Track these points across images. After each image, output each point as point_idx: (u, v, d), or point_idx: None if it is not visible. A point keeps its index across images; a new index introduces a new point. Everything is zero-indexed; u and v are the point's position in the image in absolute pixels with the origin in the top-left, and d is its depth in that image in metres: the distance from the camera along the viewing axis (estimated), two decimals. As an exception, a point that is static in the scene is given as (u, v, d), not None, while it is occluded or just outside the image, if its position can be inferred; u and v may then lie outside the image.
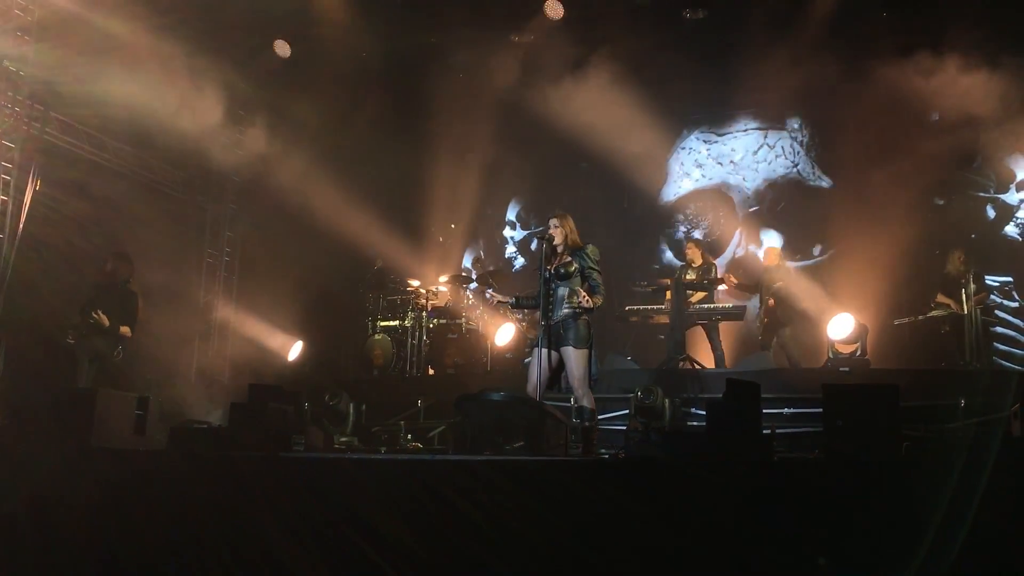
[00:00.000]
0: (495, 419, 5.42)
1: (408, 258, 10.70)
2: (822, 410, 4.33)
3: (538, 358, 5.70)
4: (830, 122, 10.80)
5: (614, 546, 4.02)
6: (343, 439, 7.31)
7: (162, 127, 9.04)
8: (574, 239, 5.89)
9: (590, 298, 5.65)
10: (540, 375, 5.65)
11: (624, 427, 7.08)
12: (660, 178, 11.62)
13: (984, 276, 8.86)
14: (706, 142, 11.61)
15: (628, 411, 7.23)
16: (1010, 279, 9.62)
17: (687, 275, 9.20)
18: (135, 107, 8.61)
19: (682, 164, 11.69)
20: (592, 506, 4.11)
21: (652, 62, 9.81)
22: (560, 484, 4.26)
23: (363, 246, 10.41)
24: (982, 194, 10.03)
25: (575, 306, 5.67)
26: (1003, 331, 9.26)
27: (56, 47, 8.04)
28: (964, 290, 8.22)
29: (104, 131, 9.05)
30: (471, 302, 10.27)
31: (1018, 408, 4.46)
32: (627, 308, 9.54)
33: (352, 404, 7.86)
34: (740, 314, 9.13)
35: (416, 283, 9.96)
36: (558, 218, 5.94)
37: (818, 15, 9.37)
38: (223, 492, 4.78)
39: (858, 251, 10.00)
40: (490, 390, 5.74)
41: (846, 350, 8.56)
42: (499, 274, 11.33)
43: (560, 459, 4.88)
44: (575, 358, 5.65)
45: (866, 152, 10.37)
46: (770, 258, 9.43)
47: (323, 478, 4.74)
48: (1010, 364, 9.02)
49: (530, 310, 6.50)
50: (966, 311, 8.16)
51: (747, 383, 4.58)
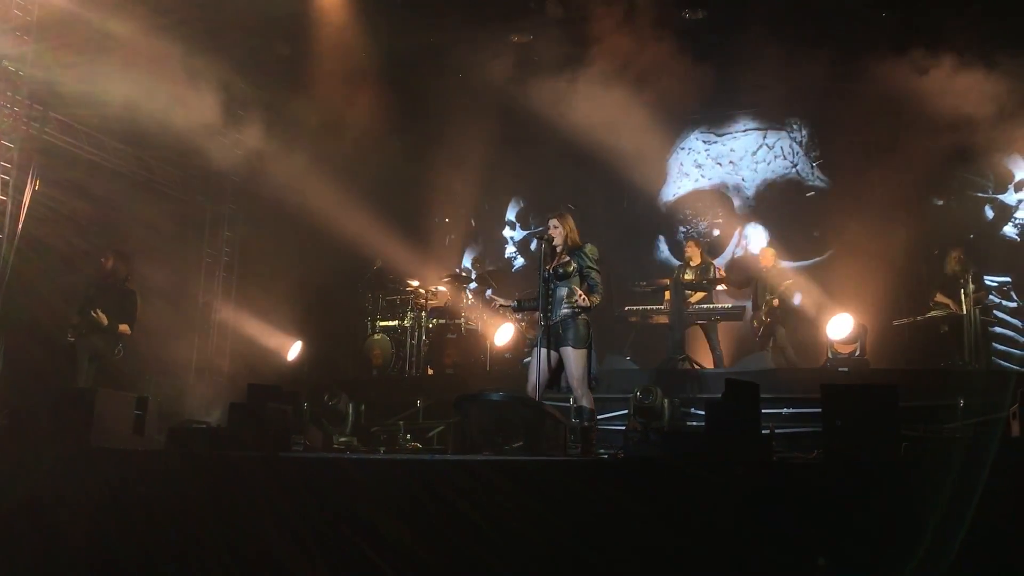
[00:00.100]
0: (494, 419, 5.42)
1: (407, 258, 10.69)
2: (821, 410, 4.32)
3: (537, 358, 5.71)
4: (829, 123, 10.81)
5: (613, 546, 4.02)
6: (342, 439, 7.31)
7: (161, 127, 9.02)
8: (573, 239, 5.89)
9: (587, 297, 5.65)
10: (540, 375, 5.66)
11: (623, 427, 7.09)
12: (659, 178, 11.62)
13: (983, 276, 8.87)
14: (705, 142, 11.62)
15: (627, 411, 7.23)
16: (1008, 279, 9.63)
17: (685, 275, 9.20)
18: (134, 107, 8.60)
19: (681, 164, 11.69)
20: (591, 506, 4.12)
21: (651, 62, 9.81)
22: (559, 484, 4.26)
23: (362, 246, 10.40)
24: (980, 194, 10.04)
25: (574, 306, 5.68)
26: (1001, 331, 9.27)
27: (55, 47, 8.04)
28: (963, 290, 8.22)
29: (103, 131, 9.05)
30: (470, 302, 10.26)
31: (1016, 408, 4.45)
32: (626, 308, 9.54)
33: (351, 404, 7.86)
34: (739, 314, 9.14)
35: (415, 283, 9.95)
36: (558, 218, 5.95)
37: (816, 15, 9.38)
38: (222, 492, 4.78)
39: (857, 251, 10.01)
40: (489, 390, 5.74)
41: (845, 350, 8.58)
42: (499, 274, 11.33)
43: (559, 459, 4.88)
44: (574, 358, 5.65)
45: (865, 152, 10.39)
46: (767, 258, 9.44)
47: (322, 478, 4.73)
48: (1008, 364, 9.03)
49: (531, 311, 6.50)
50: (965, 311, 8.17)
51: (746, 383, 4.58)
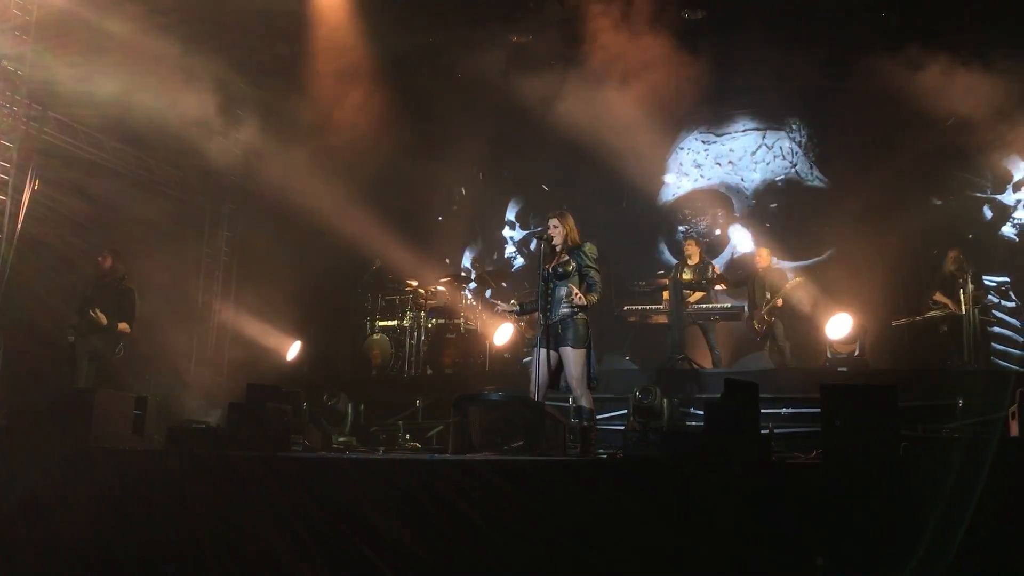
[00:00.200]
0: (493, 419, 5.42)
1: (406, 258, 10.70)
2: (820, 410, 4.32)
3: (537, 358, 5.71)
4: (828, 123, 10.82)
5: (612, 546, 4.02)
6: (341, 439, 7.30)
7: (160, 127, 9.04)
8: (573, 238, 5.89)
9: (584, 296, 5.65)
10: (539, 376, 5.66)
11: (622, 427, 7.09)
12: (659, 178, 11.62)
13: (982, 276, 8.87)
14: (705, 142, 11.61)
15: (626, 411, 7.23)
16: (1007, 279, 9.64)
17: (683, 274, 9.20)
18: (133, 107, 8.61)
19: (681, 164, 11.69)
20: (590, 506, 4.12)
21: (651, 62, 9.81)
22: (558, 484, 4.26)
23: (361, 246, 10.40)
24: (979, 194, 10.04)
25: (573, 305, 5.68)
26: (1000, 331, 9.27)
27: (54, 47, 8.05)
28: (962, 290, 8.22)
29: (102, 131, 9.05)
30: (470, 302, 10.26)
31: (1015, 408, 4.46)
32: (625, 308, 9.54)
33: (350, 404, 7.86)
34: (738, 314, 9.14)
35: (415, 283, 9.96)
36: (557, 217, 5.94)
37: (816, 16, 9.38)
38: (221, 492, 4.78)
39: (856, 251, 10.02)
40: (489, 390, 5.74)
41: (844, 350, 8.57)
42: (498, 274, 11.34)
43: (558, 459, 4.88)
44: (573, 358, 5.66)
45: (864, 152, 10.39)
46: (763, 258, 9.44)
47: (321, 478, 4.73)
48: (1007, 364, 9.03)
49: (534, 313, 6.50)
50: (964, 311, 8.17)
51: (745, 383, 4.57)
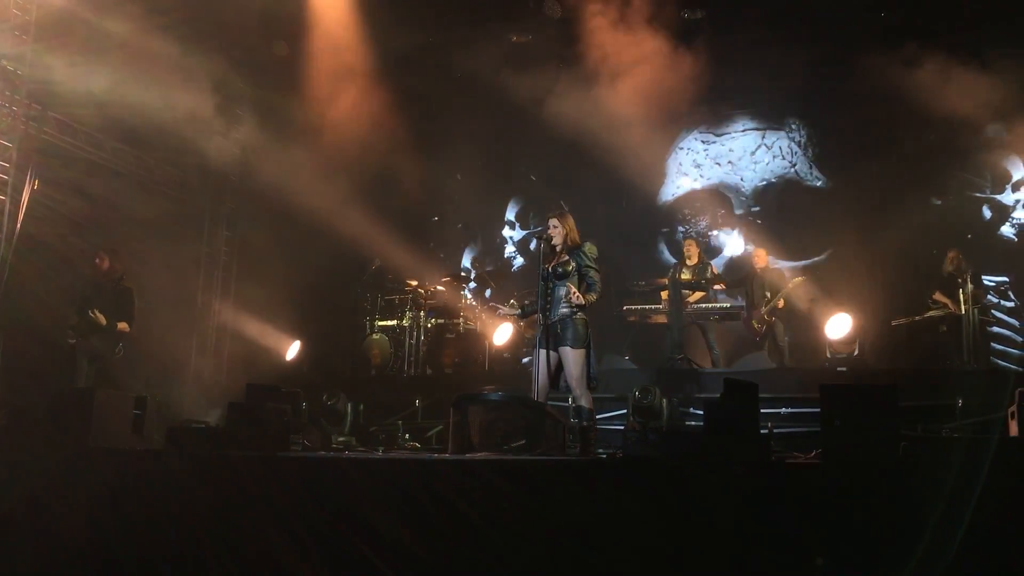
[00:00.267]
0: (493, 419, 5.42)
1: (406, 257, 10.70)
2: (820, 410, 4.32)
3: (537, 360, 5.71)
4: (827, 123, 10.82)
5: (612, 546, 4.02)
6: (341, 439, 7.30)
7: (160, 127, 9.03)
8: (573, 238, 5.88)
9: (582, 296, 5.65)
10: (539, 376, 5.66)
11: (622, 427, 7.09)
12: (658, 178, 11.62)
13: (981, 276, 8.88)
14: (704, 142, 11.61)
15: (626, 411, 7.23)
16: (1006, 279, 9.64)
17: (682, 274, 9.20)
18: (133, 107, 8.61)
19: (680, 164, 11.69)
20: (590, 506, 4.12)
21: (650, 62, 9.81)
22: (558, 484, 4.26)
23: (361, 245, 10.40)
24: (978, 194, 10.04)
25: (572, 305, 5.68)
26: (999, 331, 9.27)
27: (54, 46, 8.04)
28: (961, 290, 8.22)
29: (102, 131, 9.04)
30: (469, 302, 10.26)
31: (1015, 408, 4.46)
32: (625, 308, 9.55)
33: (350, 404, 7.86)
34: (738, 314, 9.15)
35: (414, 283, 9.96)
36: (557, 217, 5.94)
37: (815, 16, 9.38)
38: (221, 492, 4.78)
39: (855, 251, 10.02)
40: (488, 390, 5.74)
41: (844, 350, 8.58)
42: (498, 274, 11.34)
43: (558, 459, 4.88)
44: (572, 358, 5.66)
45: (863, 152, 10.40)
46: (761, 259, 9.44)
47: (321, 478, 4.73)
48: (1006, 364, 9.03)
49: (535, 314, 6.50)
50: (963, 311, 8.17)
51: (745, 383, 4.57)
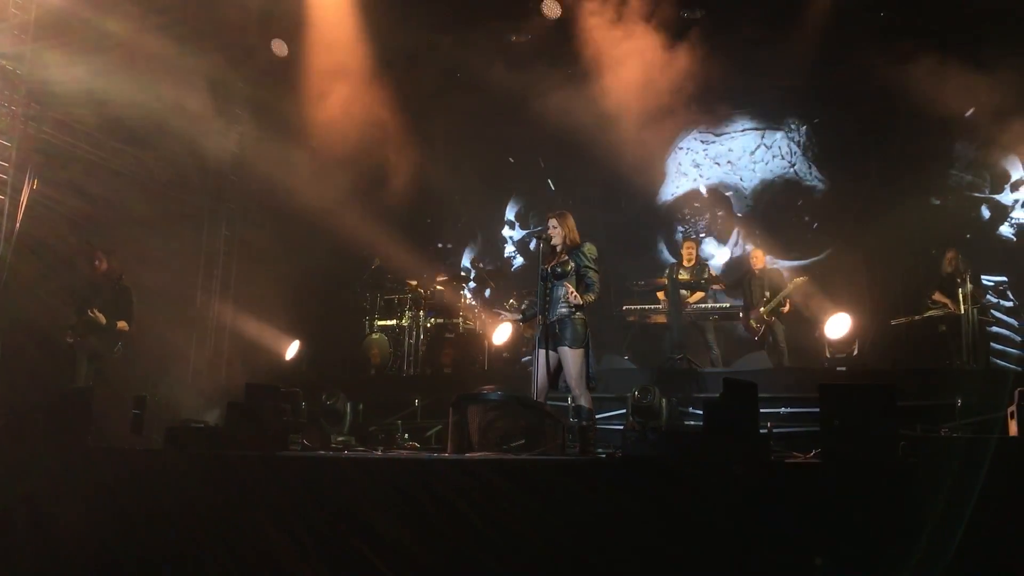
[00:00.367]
0: (492, 419, 5.41)
1: (406, 257, 10.69)
2: (819, 410, 4.32)
3: (536, 360, 5.71)
4: (827, 123, 10.82)
5: (611, 545, 4.02)
6: (340, 438, 7.30)
7: (159, 126, 9.02)
8: (572, 238, 5.89)
9: (579, 296, 5.65)
10: (538, 376, 5.66)
11: (621, 426, 7.09)
12: (658, 178, 11.62)
13: (980, 275, 8.88)
14: (703, 142, 11.61)
15: (625, 410, 7.24)
16: (1005, 279, 9.65)
17: (680, 274, 9.20)
18: (132, 106, 8.60)
19: (679, 164, 11.69)
20: (589, 505, 4.12)
21: (650, 62, 9.81)
22: (557, 484, 4.26)
23: (360, 245, 10.40)
24: (977, 194, 10.05)
25: (570, 305, 5.68)
26: (998, 331, 9.27)
27: (53, 46, 8.03)
28: (961, 289, 8.23)
29: (101, 130, 9.02)
30: (469, 301, 10.26)
31: (1014, 408, 4.46)
32: (624, 308, 9.56)
33: (349, 403, 7.87)
34: (737, 314, 9.15)
35: (414, 282, 9.96)
36: (557, 217, 5.94)
37: (815, 15, 9.38)
38: (220, 491, 4.78)
39: (855, 251, 10.04)
40: (487, 390, 5.73)
41: (843, 350, 8.57)
42: (497, 274, 11.34)
43: (557, 459, 4.88)
44: (571, 358, 5.66)
45: (862, 152, 10.40)
46: (759, 260, 9.44)
47: (320, 478, 4.74)
48: (1005, 363, 9.03)
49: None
50: (963, 311, 8.18)
51: (744, 383, 4.57)
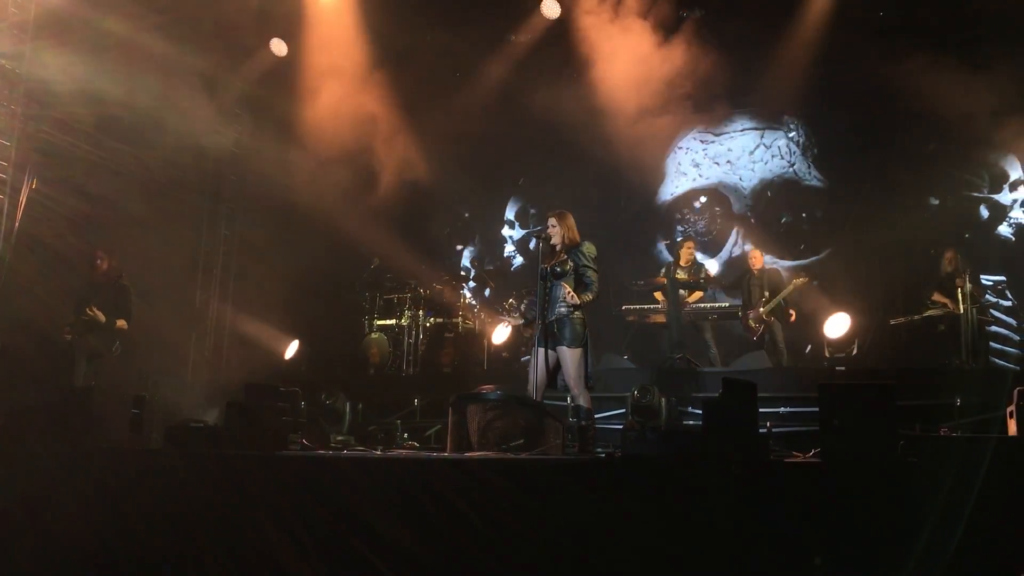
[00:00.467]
0: (491, 418, 5.42)
1: (405, 257, 10.69)
2: (818, 409, 4.32)
3: (535, 358, 5.71)
4: (826, 122, 10.82)
5: (610, 545, 4.02)
6: (339, 438, 7.30)
7: (158, 125, 9.02)
8: (571, 237, 5.88)
9: (576, 296, 5.65)
10: (537, 374, 5.66)
11: (621, 426, 7.09)
12: (657, 178, 11.62)
13: (980, 275, 8.88)
14: (703, 142, 11.61)
15: (625, 410, 7.24)
16: (1003, 278, 9.65)
17: (678, 274, 9.20)
18: (131, 105, 8.60)
19: (679, 164, 11.69)
20: (588, 505, 4.12)
21: (649, 61, 9.82)
22: (556, 483, 4.26)
23: (360, 244, 10.40)
24: (976, 194, 10.05)
25: (569, 304, 5.68)
26: (997, 330, 9.27)
27: (52, 45, 8.03)
28: (960, 289, 8.23)
29: (101, 130, 9.01)
30: (468, 301, 10.26)
31: (1013, 407, 4.46)
32: (624, 307, 9.55)
33: (348, 403, 7.87)
34: (737, 313, 9.15)
35: (413, 282, 9.96)
36: (556, 216, 5.94)
37: (814, 15, 9.39)
38: (219, 491, 4.78)
39: (854, 250, 10.03)
40: (487, 389, 5.74)
41: (843, 349, 8.58)
42: (497, 273, 11.34)
43: (556, 458, 4.89)
44: (570, 357, 5.66)
45: (861, 152, 10.40)
46: (758, 260, 9.44)
47: (319, 477, 4.74)
48: (1004, 363, 9.04)
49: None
50: (962, 310, 8.18)
51: (743, 382, 4.57)
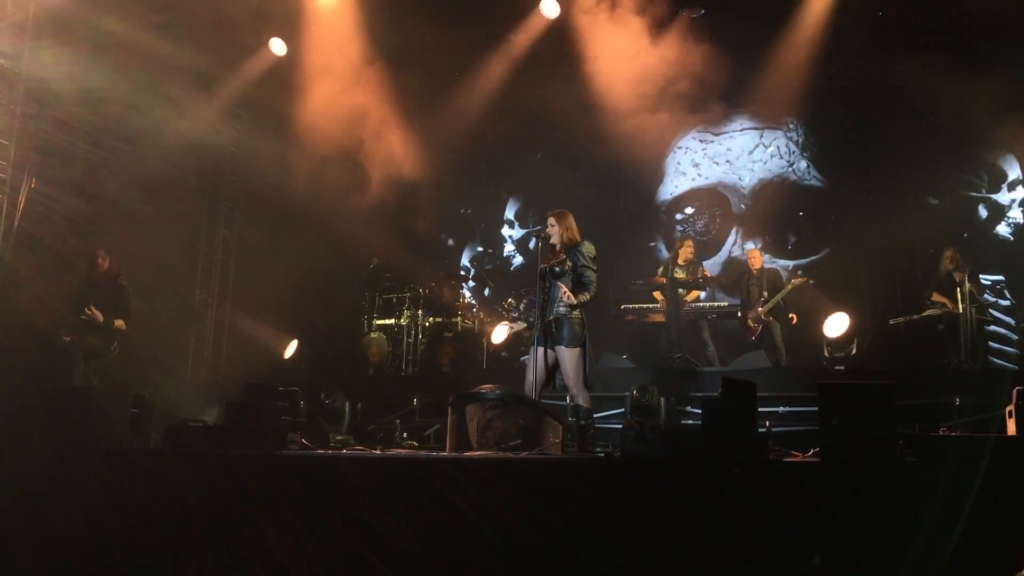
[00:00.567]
0: (491, 418, 5.42)
1: (405, 256, 10.69)
2: (817, 409, 4.32)
3: (533, 357, 5.71)
4: (825, 122, 10.82)
5: (609, 544, 4.03)
6: (339, 437, 7.31)
7: (157, 125, 9.02)
8: (570, 236, 5.88)
9: (573, 296, 5.65)
10: (535, 373, 5.67)
11: (620, 426, 7.09)
12: (656, 177, 11.62)
13: (978, 275, 8.89)
14: (702, 141, 11.61)
15: (624, 410, 7.24)
16: (1002, 278, 9.66)
17: (677, 273, 9.20)
18: (130, 105, 8.60)
19: (678, 163, 11.69)
20: (587, 504, 4.12)
21: (648, 61, 9.82)
22: (555, 483, 4.27)
23: (359, 244, 10.39)
24: (974, 194, 10.06)
25: (567, 304, 5.69)
26: (996, 329, 9.28)
27: (51, 45, 8.03)
28: (959, 289, 8.24)
29: (100, 129, 9.01)
30: (467, 301, 10.26)
31: (1012, 407, 4.46)
32: (623, 307, 9.55)
33: (348, 402, 7.88)
34: (736, 312, 9.16)
35: (412, 281, 9.96)
36: (555, 216, 5.94)
37: (814, 14, 9.39)
38: (219, 491, 4.78)
39: (853, 250, 10.04)
40: (486, 389, 5.74)
41: (842, 349, 8.58)
42: (497, 272, 11.34)
43: (555, 458, 4.89)
44: (568, 357, 5.67)
45: (860, 152, 10.40)
46: (757, 260, 9.44)
47: (319, 476, 4.74)
48: (1003, 363, 9.05)
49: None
50: (961, 310, 8.19)
51: (743, 381, 4.57)
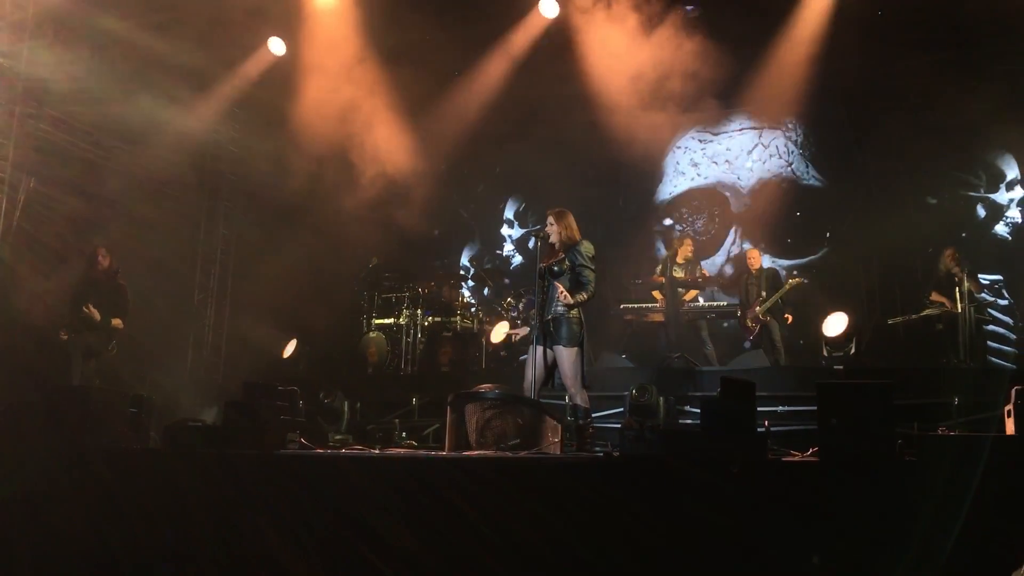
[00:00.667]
0: (490, 417, 5.42)
1: (404, 256, 10.68)
2: (816, 408, 4.32)
3: (532, 356, 5.72)
4: (824, 122, 10.82)
5: (608, 543, 4.03)
6: (338, 437, 7.31)
7: (156, 124, 9.02)
8: (569, 235, 5.88)
9: (570, 295, 5.65)
10: (534, 372, 5.67)
11: (619, 425, 7.09)
12: (656, 177, 11.63)
13: (977, 274, 8.90)
14: (701, 141, 11.61)
15: (623, 409, 7.24)
16: (1000, 277, 9.67)
17: (674, 271, 9.20)
18: (130, 104, 8.60)
19: (677, 163, 11.69)
20: (586, 504, 4.12)
21: (648, 60, 9.82)
22: (554, 482, 4.27)
23: (359, 244, 10.39)
24: (973, 194, 10.07)
25: (563, 303, 5.69)
26: (994, 329, 9.29)
27: (50, 44, 8.03)
28: (958, 288, 8.24)
29: (99, 128, 9.02)
30: (466, 300, 10.26)
31: (1011, 406, 4.46)
32: (622, 306, 9.55)
33: (347, 402, 7.87)
34: (735, 312, 9.16)
35: (411, 281, 9.97)
36: (554, 215, 5.93)
37: (813, 15, 9.40)
38: (218, 490, 4.79)
39: (852, 249, 10.04)
40: (485, 388, 5.75)
41: (841, 348, 8.58)
42: (496, 272, 11.34)
43: (554, 457, 4.89)
44: (566, 357, 5.66)
45: (859, 151, 10.41)
46: (756, 259, 9.44)
47: (318, 476, 4.74)
48: (1002, 362, 9.05)
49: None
50: (960, 309, 8.20)
51: (742, 381, 4.58)
